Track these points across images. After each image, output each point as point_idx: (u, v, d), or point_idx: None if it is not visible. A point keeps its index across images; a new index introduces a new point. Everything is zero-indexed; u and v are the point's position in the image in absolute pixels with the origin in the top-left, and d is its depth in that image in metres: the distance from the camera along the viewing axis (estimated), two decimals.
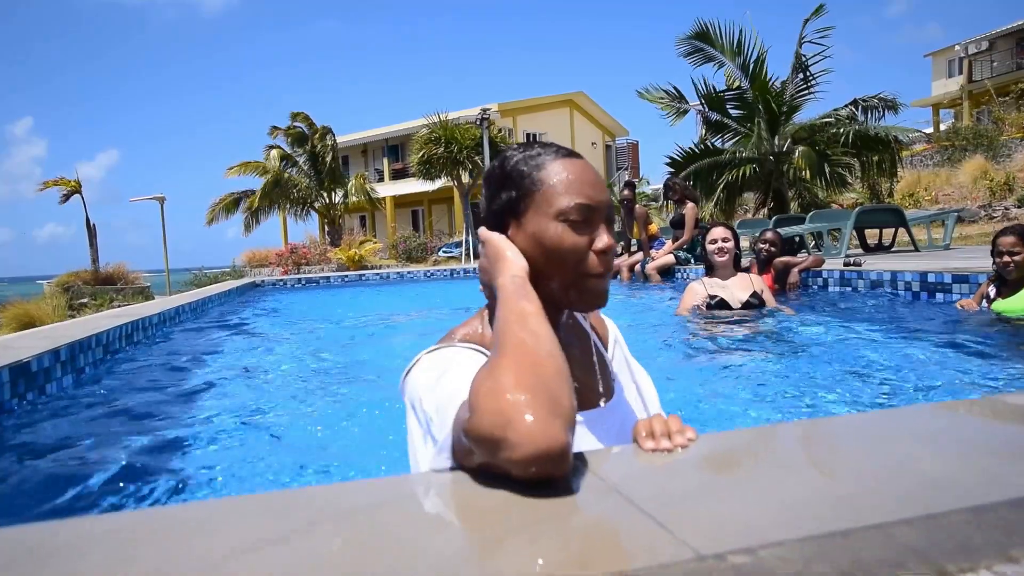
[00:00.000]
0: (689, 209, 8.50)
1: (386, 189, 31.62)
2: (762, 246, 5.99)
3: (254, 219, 24.04)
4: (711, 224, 4.96)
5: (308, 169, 23.11)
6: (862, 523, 0.65)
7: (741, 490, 0.78)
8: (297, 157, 23.16)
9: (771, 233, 6.08)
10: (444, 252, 22.27)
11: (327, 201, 23.24)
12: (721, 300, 4.44)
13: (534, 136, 30.78)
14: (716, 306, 4.43)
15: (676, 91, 12.75)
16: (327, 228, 24.12)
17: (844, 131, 11.64)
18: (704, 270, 4.74)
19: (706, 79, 12.73)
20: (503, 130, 23.87)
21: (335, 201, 23.39)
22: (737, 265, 4.66)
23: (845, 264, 6.10)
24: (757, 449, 0.99)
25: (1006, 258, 4.04)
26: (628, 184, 10.00)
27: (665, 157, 13.07)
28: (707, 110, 12.79)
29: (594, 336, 1.28)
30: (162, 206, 19.19)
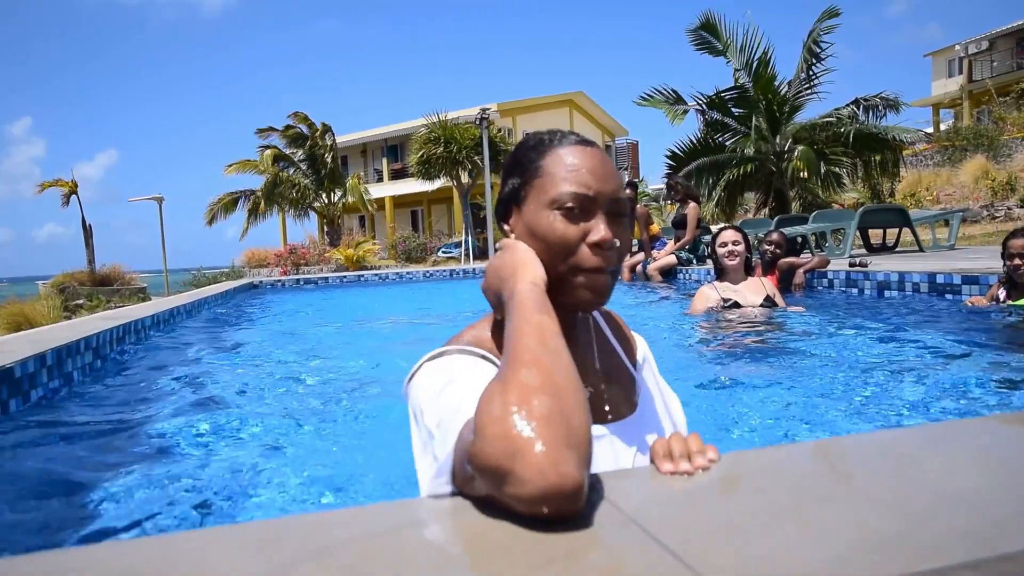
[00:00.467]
0: (691, 209, 8.42)
1: (385, 189, 31.57)
2: (767, 247, 5.91)
3: (253, 219, 23.97)
4: (721, 227, 4.87)
5: (307, 169, 23.01)
6: (920, 567, 0.57)
7: (772, 524, 0.69)
8: (295, 157, 23.05)
9: (776, 234, 6.02)
10: (443, 252, 22.22)
11: (326, 201, 23.14)
12: (735, 303, 4.36)
13: None
14: (730, 309, 4.35)
15: (674, 93, 12.95)
16: (326, 228, 24.04)
17: (845, 130, 11.62)
18: (714, 274, 4.67)
19: (705, 85, 12.90)
20: (502, 130, 23.81)
21: (335, 201, 23.30)
22: (748, 269, 4.58)
23: (851, 265, 6.01)
24: (785, 472, 0.90)
25: (1016, 261, 3.99)
26: (630, 184, 9.94)
27: (666, 150, 13.28)
28: (707, 109, 12.80)
29: (617, 345, 1.19)
30: (160, 206, 19.18)
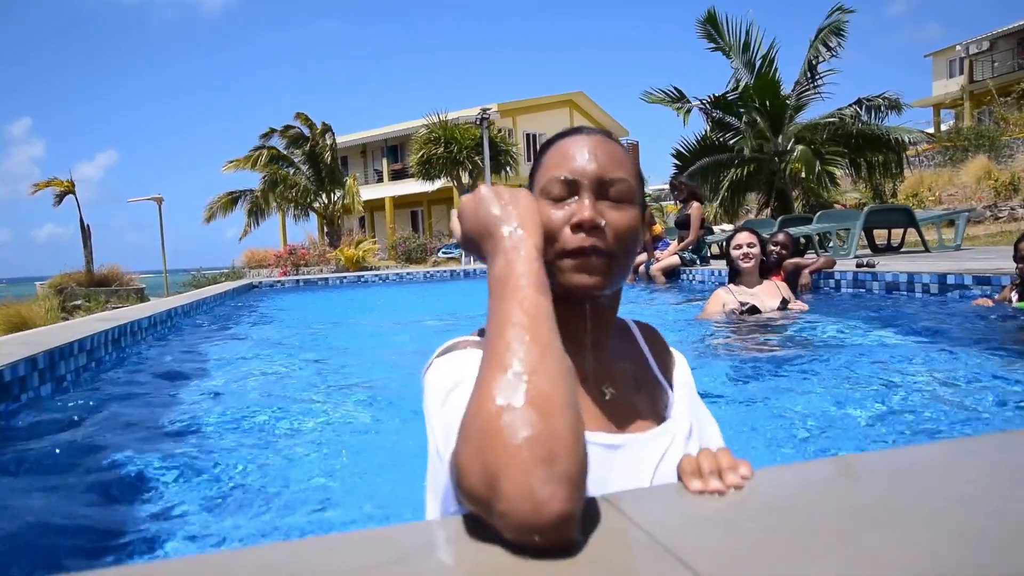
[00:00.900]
0: (694, 209, 8.34)
1: (385, 190, 31.50)
2: (773, 248, 5.84)
3: (252, 219, 23.88)
4: (736, 228, 4.80)
5: (307, 169, 22.92)
6: None
7: (818, 553, 0.61)
8: (295, 158, 22.96)
9: (782, 235, 5.96)
10: (444, 253, 22.15)
11: (326, 201, 23.06)
12: (753, 307, 4.27)
13: (534, 136, 30.66)
14: (748, 312, 4.26)
15: (677, 91, 12.93)
16: (326, 229, 23.95)
17: (846, 130, 11.59)
18: (728, 276, 4.58)
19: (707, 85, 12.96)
20: (503, 130, 23.75)
21: (334, 201, 23.21)
22: (763, 272, 4.49)
23: (858, 265, 5.94)
24: (826, 491, 0.81)
25: None
26: None
27: (672, 149, 13.31)
28: (710, 108, 12.78)
29: (649, 356, 1.11)
30: (160, 207, 19.11)
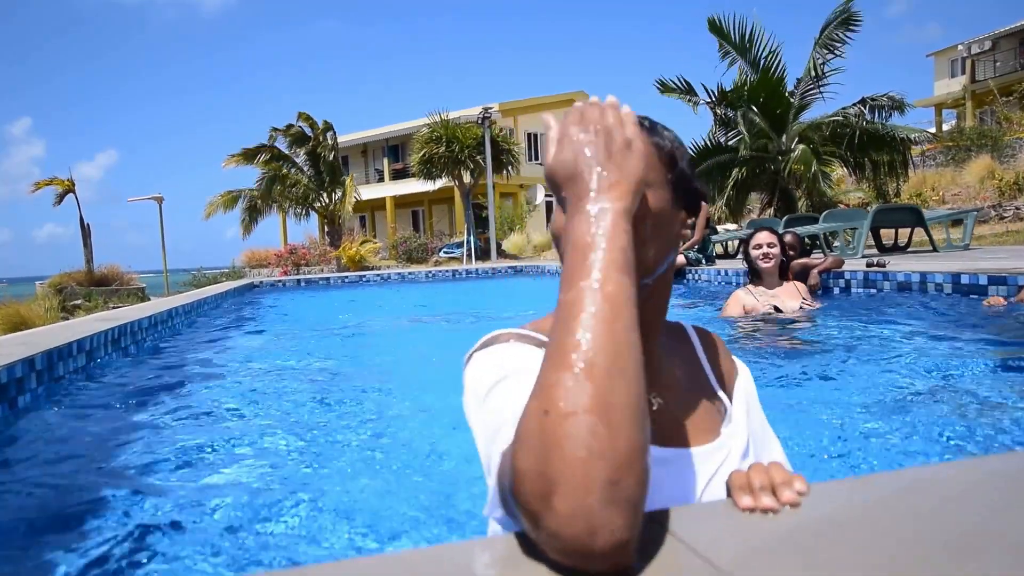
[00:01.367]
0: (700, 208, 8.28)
1: (386, 189, 31.43)
2: None
3: (253, 218, 23.79)
4: (756, 228, 4.71)
5: (308, 169, 22.85)
6: None
7: None
8: (296, 157, 22.89)
9: (789, 235, 5.89)
10: (445, 252, 22.07)
11: (327, 201, 22.98)
12: (775, 309, 4.20)
13: (535, 136, 30.60)
14: (770, 315, 4.19)
15: (687, 84, 12.87)
16: (327, 228, 23.87)
17: (849, 130, 11.54)
18: (747, 277, 4.50)
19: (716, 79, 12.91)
20: (504, 130, 23.66)
21: (335, 201, 23.14)
22: (784, 273, 4.41)
23: (868, 265, 5.86)
24: (892, 509, 0.73)
25: None
26: None
27: None
28: (716, 106, 12.71)
29: (706, 364, 1.03)
30: (160, 206, 19.04)
